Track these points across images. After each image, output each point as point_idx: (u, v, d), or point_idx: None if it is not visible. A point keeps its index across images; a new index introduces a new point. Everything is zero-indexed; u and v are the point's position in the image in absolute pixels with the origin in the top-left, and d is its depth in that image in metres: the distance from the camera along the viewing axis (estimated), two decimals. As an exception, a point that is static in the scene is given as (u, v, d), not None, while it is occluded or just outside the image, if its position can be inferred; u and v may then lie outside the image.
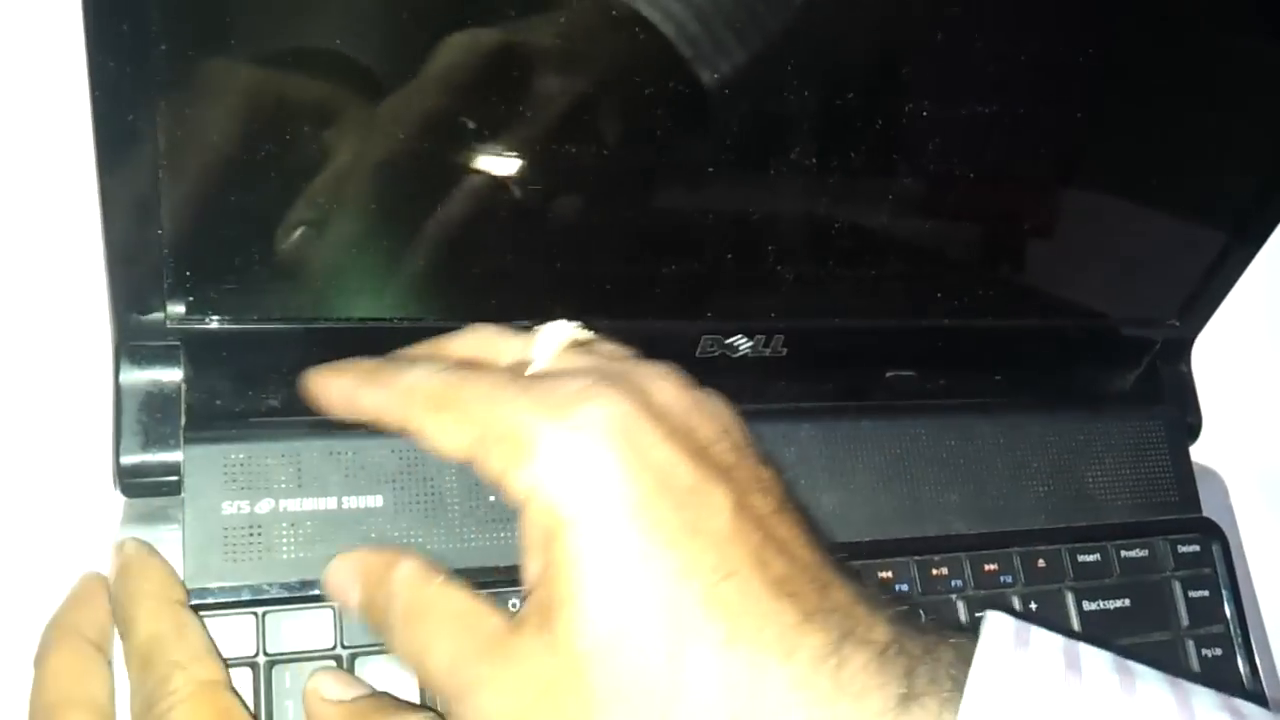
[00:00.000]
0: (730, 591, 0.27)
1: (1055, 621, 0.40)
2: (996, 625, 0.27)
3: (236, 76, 0.30)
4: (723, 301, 0.40)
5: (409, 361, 0.33)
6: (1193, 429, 0.49)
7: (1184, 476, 0.47)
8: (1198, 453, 0.48)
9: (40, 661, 0.31)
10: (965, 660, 0.26)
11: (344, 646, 0.34)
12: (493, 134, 0.33)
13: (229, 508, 0.34)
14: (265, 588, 0.34)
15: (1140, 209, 0.44)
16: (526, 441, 0.28)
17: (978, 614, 0.40)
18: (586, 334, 0.34)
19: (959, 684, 0.25)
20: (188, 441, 0.34)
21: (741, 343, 0.41)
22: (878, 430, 0.43)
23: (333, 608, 0.34)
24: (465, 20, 0.31)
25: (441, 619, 0.29)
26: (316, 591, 0.34)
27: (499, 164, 0.34)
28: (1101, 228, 0.45)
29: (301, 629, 0.34)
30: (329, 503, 0.35)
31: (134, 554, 0.33)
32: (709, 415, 0.31)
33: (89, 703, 0.30)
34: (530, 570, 0.28)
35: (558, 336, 0.33)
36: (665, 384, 0.31)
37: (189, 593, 0.33)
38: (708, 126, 0.35)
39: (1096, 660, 0.26)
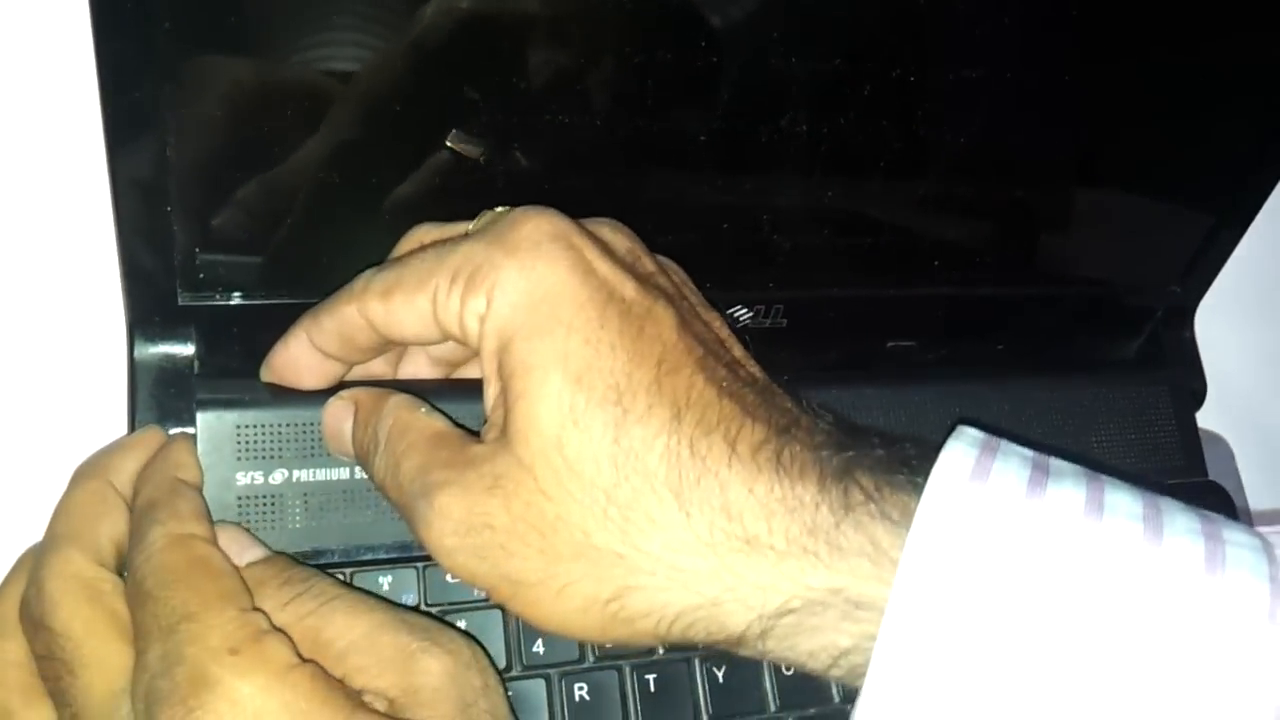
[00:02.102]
0: (676, 382, 0.28)
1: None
2: (954, 452, 0.26)
3: (244, 56, 0.31)
4: (722, 273, 0.41)
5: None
6: (1197, 394, 0.49)
7: (1189, 441, 0.47)
8: (1203, 418, 0.48)
9: (63, 495, 0.32)
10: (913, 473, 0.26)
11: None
12: (492, 108, 0.34)
13: (242, 479, 0.35)
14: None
15: (1140, 177, 0.45)
16: (473, 272, 0.29)
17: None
18: None
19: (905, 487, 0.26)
20: (201, 415, 0.35)
21: (742, 314, 0.42)
22: (880, 399, 0.43)
23: (344, 574, 0.35)
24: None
25: (419, 436, 0.30)
26: (329, 560, 0.35)
27: (500, 138, 0.35)
28: (1101, 195, 0.45)
29: (314, 595, 0.34)
30: (341, 473, 0.36)
31: (153, 436, 0.34)
32: (655, 258, 0.32)
33: (90, 542, 0.31)
34: (489, 396, 0.29)
35: (498, 213, 0.33)
36: (609, 225, 0.32)
37: (202, 475, 0.34)
38: (702, 95, 0.36)
39: (1063, 491, 0.25)
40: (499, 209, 0.33)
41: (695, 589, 0.26)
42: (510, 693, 0.34)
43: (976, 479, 0.25)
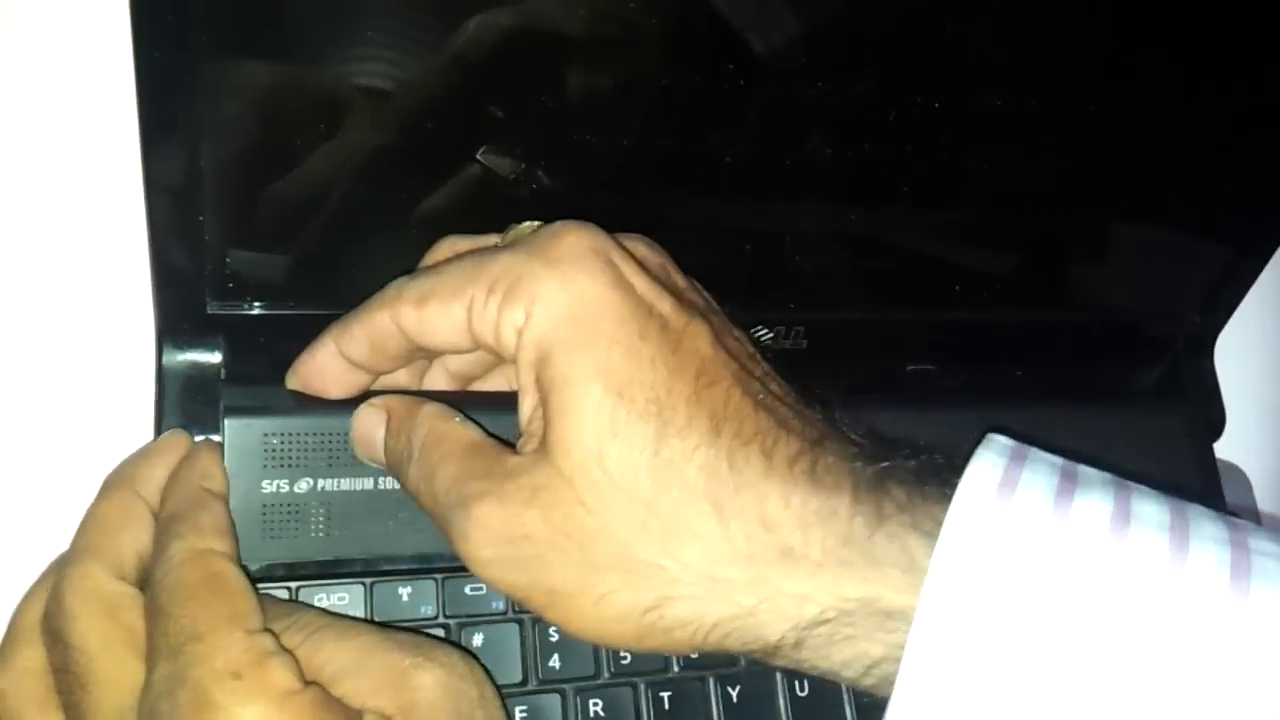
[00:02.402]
0: (714, 395, 0.28)
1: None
2: (983, 463, 0.26)
3: (279, 66, 0.32)
4: (744, 293, 0.41)
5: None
6: (1215, 425, 0.49)
7: (1207, 472, 0.47)
8: (1222, 449, 0.48)
9: (90, 505, 0.32)
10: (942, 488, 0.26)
11: (374, 622, 0.35)
12: (521, 125, 0.35)
13: (268, 486, 0.35)
14: (302, 564, 0.35)
15: (1161, 207, 0.45)
16: (512, 283, 0.29)
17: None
18: None
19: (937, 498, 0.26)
20: (227, 423, 0.36)
21: (763, 334, 0.42)
22: (898, 422, 0.43)
23: (364, 584, 0.35)
24: (487, 12, 0.32)
25: (454, 446, 0.30)
26: (350, 570, 0.35)
27: (524, 154, 0.35)
28: (1123, 225, 0.45)
29: (337, 604, 0.35)
30: (365, 483, 0.36)
31: (179, 441, 0.34)
32: (685, 275, 0.33)
33: (113, 556, 0.31)
34: (525, 407, 0.29)
35: (528, 227, 0.33)
36: (644, 242, 0.32)
37: (228, 483, 0.34)
38: (728, 118, 0.36)
39: (1090, 503, 0.25)
40: (527, 224, 0.33)
41: (733, 599, 0.27)
42: (524, 707, 0.35)
43: (1004, 490, 0.25)
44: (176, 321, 0.36)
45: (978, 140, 0.40)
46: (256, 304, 0.36)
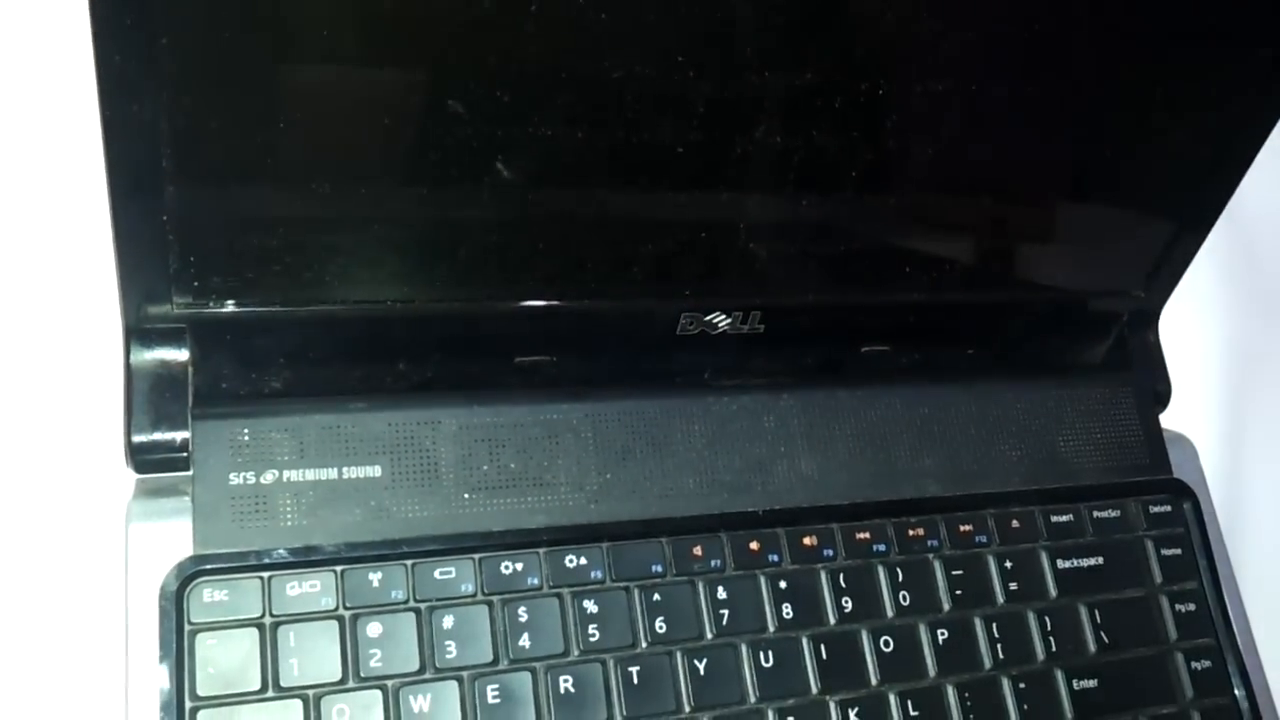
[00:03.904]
0: None
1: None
2: None
3: (243, 64, 0.32)
4: (700, 280, 0.42)
5: None
6: (1161, 396, 0.50)
7: (1154, 441, 0.49)
8: (1168, 419, 0.50)
9: None
10: None
11: (346, 608, 0.36)
12: (476, 120, 0.35)
13: (235, 479, 0.36)
14: (271, 553, 0.36)
15: (1103, 184, 0.46)
16: None
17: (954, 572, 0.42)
18: None
19: None
20: (195, 419, 0.36)
21: (720, 320, 0.43)
22: (854, 401, 0.45)
23: (335, 571, 0.36)
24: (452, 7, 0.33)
25: None
26: (320, 556, 0.36)
27: (484, 149, 0.36)
28: (1067, 203, 0.46)
29: (305, 591, 0.36)
30: (330, 473, 0.37)
31: None
32: None
33: None
34: None
35: None
36: None
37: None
38: (680, 107, 0.37)
39: None
40: None
41: None
42: (496, 686, 0.36)
43: None
44: (143, 320, 0.36)
45: (922, 125, 0.41)
46: (223, 301, 0.37)
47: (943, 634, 0.41)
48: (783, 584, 0.40)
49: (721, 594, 0.39)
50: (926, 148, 0.42)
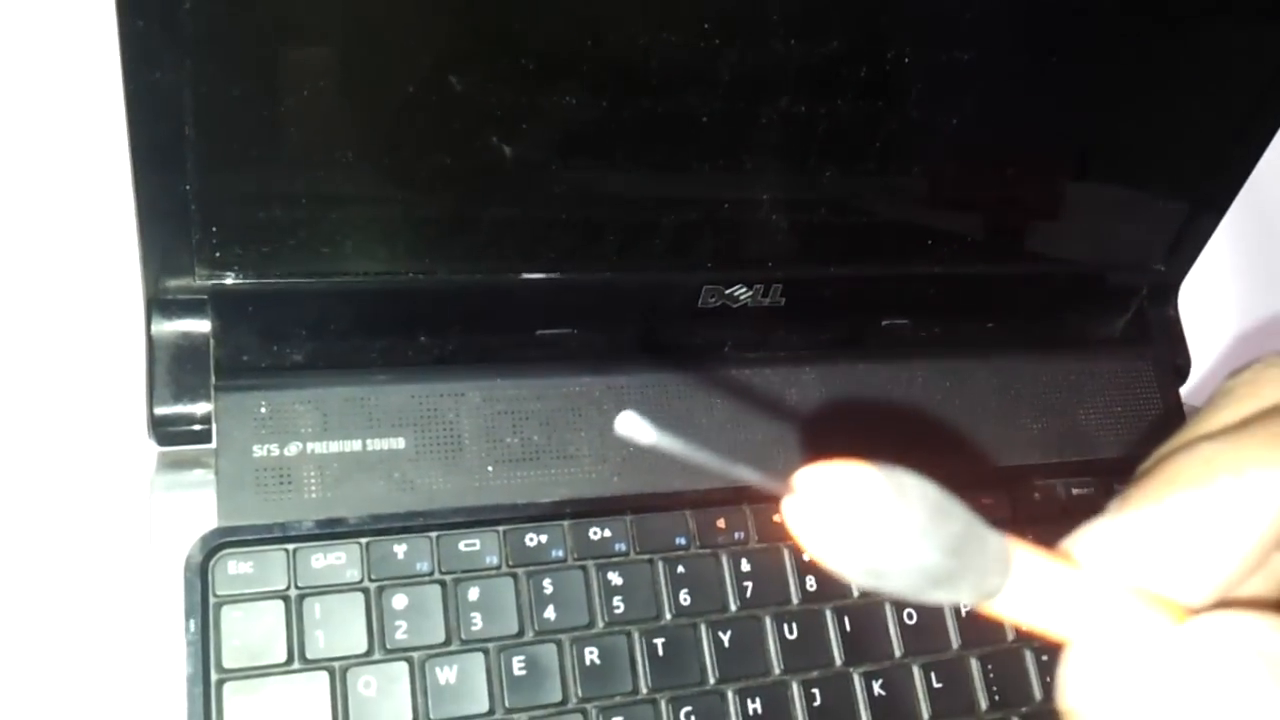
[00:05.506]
0: None
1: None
2: None
3: (262, 36, 0.32)
4: (722, 252, 0.42)
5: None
6: (1181, 370, 0.50)
7: (1174, 415, 0.49)
8: (1188, 393, 0.50)
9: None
10: None
11: (371, 580, 0.36)
12: (499, 90, 0.35)
13: (259, 451, 0.36)
14: (296, 525, 0.35)
15: (1125, 157, 0.46)
16: None
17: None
18: None
19: None
20: (218, 391, 0.36)
21: (741, 292, 0.43)
22: (874, 375, 0.45)
23: (360, 543, 0.36)
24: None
25: None
26: (344, 528, 0.36)
27: (505, 119, 0.36)
28: (1089, 177, 0.46)
29: (330, 563, 0.35)
30: (354, 445, 0.37)
31: None
32: None
33: None
34: None
35: None
36: None
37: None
38: (704, 77, 0.37)
39: None
40: None
41: None
42: (522, 658, 0.36)
43: None
44: (164, 291, 0.36)
45: (946, 96, 0.41)
46: (245, 272, 0.36)
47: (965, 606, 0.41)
48: (805, 556, 0.40)
49: (745, 566, 0.39)
50: (948, 120, 0.42)
